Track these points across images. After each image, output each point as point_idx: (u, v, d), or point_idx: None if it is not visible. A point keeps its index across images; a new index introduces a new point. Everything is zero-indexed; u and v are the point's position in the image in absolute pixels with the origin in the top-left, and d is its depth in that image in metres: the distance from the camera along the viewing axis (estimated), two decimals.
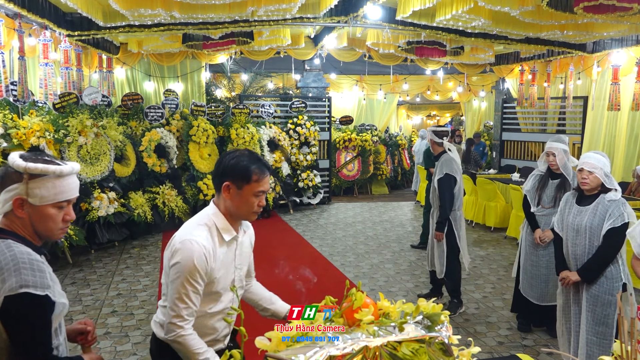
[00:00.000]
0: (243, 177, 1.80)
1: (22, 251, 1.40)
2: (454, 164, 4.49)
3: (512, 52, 9.88)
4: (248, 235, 2.05)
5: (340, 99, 13.81)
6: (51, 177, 1.44)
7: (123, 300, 4.89)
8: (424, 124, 22.03)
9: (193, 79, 10.25)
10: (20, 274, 1.34)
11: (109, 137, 6.77)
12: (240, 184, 1.81)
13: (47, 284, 1.38)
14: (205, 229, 1.82)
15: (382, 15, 6.85)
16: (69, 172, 1.48)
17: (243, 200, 1.82)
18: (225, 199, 1.84)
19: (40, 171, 1.42)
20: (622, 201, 2.87)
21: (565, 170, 3.82)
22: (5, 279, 1.33)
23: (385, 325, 1.35)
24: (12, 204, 1.43)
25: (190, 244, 1.75)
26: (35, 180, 1.43)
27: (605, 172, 2.91)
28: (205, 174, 8.30)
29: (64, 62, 6.73)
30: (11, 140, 5.40)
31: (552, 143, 3.89)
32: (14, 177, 1.43)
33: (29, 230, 1.48)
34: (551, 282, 3.89)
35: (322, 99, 10.86)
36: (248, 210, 1.85)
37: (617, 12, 4.97)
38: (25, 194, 1.43)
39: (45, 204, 1.45)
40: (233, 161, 1.82)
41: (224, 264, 1.86)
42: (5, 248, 1.40)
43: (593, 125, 8.80)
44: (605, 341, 2.89)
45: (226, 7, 5.77)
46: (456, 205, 4.51)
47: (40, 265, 1.40)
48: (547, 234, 3.85)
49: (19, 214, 1.44)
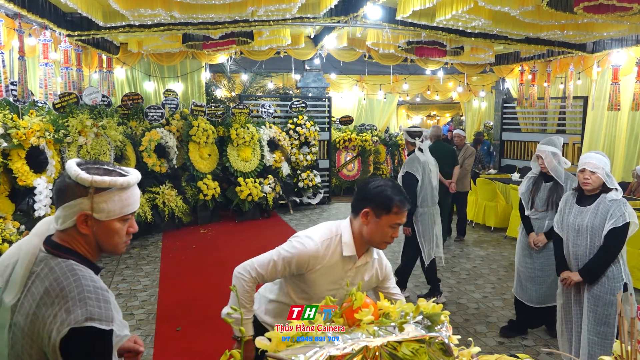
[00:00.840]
0: (384, 207, 1.87)
1: (87, 277, 1.30)
2: (417, 163, 4.67)
3: (512, 52, 9.88)
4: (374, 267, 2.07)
5: (340, 99, 13.81)
6: (117, 189, 1.34)
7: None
8: (424, 124, 22.02)
9: (193, 79, 10.25)
10: (86, 305, 1.23)
11: (109, 137, 6.77)
12: (380, 212, 1.88)
13: (112, 316, 1.28)
14: (329, 235, 1.95)
15: (382, 15, 6.84)
16: (135, 182, 1.40)
17: (379, 228, 1.89)
18: (361, 223, 1.92)
19: (107, 184, 1.32)
20: (623, 201, 2.87)
21: (556, 173, 3.71)
22: (70, 309, 1.23)
23: (385, 325, 1.35)
24: (75, 220, 1.32)
25: (306, 239, 1.92)
26: (101, 194, 1.32)
27: (607, 172, 2.91)
28: (205, 174, 8.30)
29: (64, 62, 6.73)
30: (11, 140, 5.39)
31: (541, 146, 3.77)
32: (76, 190, 1.31)
33: (91, 247, 1.39)
34: (546, 285, 3.86)
35: (322, 99, 10.86)
36: (381, 239, 1.92)
37: (617, 12, 4.96)
38: (91, 209, 1.32)
39: (112, 219, 1.36)
40: (378, 189, 1.90)
41: (328, 275, 1.94)
42: (69, 272, 1.29)
43: (593, 125, 8.80)
44: (607, 341, 2.89)
45: (226, 7, 5.77)
46: (418, 202, 4.71)
47: (106, 295, 1.31)
48: (540, 239, 3.80)
49: (83, 231, 1.34)
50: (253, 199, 8.46)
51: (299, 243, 1.93)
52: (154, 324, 4.34)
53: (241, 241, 7.20)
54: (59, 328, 1.22)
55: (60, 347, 1.22)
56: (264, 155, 8.88)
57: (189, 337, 4.06)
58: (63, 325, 1.21)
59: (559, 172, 3.70)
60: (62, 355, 1.23)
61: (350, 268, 1.97)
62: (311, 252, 1.90)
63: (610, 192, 2.91)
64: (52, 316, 1.23)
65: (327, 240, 1.93)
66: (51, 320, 1.23)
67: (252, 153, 8.75)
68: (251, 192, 8.45)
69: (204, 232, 7.75)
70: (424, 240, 4.81)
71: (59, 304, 1.24)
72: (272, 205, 8.83)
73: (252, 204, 8.52)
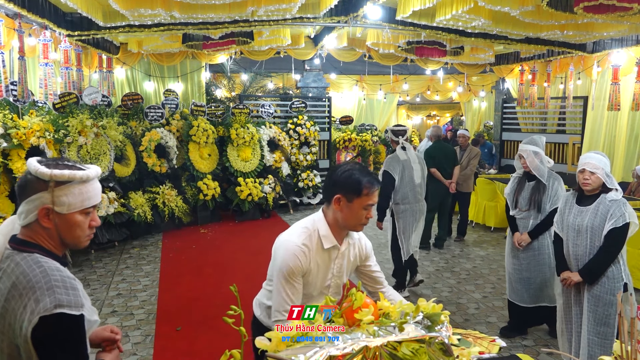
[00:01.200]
0: (354, 191, 1.89)
1: (52, 267, 1.33)
2: (396, 162, 4.86)
3: (512, 52, 9.88)
4: (356, 247, 2.11)
5: (340, 99, 13.81)
6: (77, 182, 1.38)
7: (123, 300, 4.89)
8: (424, 124, 22.02)
9: (193, 79, 10.25)
10: (54, 293, 1.27)
11: (109, 137, 6.77)
12: (351, 197, 1.90)
13: (81, 302, 1.31)
14: (306, 232, 1.96)
15: (382, 15, 6.84)
16: (94, 175, 1.44)
17: (353, 212, 1.92)
18: (335, 210, 1.95)
19: (67, 177, 1.36)
20: (623, 201, 2.87)
21: (538, 171, 3.68)
22: (39, 299, 1.26)
23: (385, 325, 1.35)
24: (37, 214, 1.36)
25: (288, 244, 1.92)
26: (62, 188, 1.36)
27: (607, 172, 2.91)
28: (205, 174, 8.30)
29: (64, 62, 6.73)
30: (11, 140, 5.39)
31: (522, 145, 3.76)
32: (36, 185, 1.35)
33: (54, 241, 1.41)
34: (535, 285, 3.86)
35: (322, 99, 10.86)
36: (356, 222, 1.95)
37: (617, 12, 4.96)
38: (52, 202, 1.36)
39: (73, 212, 1.39)
40: (345, 174, 1.92)
41: (321, 269, 1.98)
42: (34, 264, 1.32)
43: (593, 125, 8.80)
44: (607, 341, 2.89)
45: (226, 7, 5.77)
46: (398, 199, 4.90)
47: (73, 282, 1.33)
48: (523, 238, 3.79)
49: (45, 224, 1.37)
50: (253, 199, 8.46)
51: (283, 252, 1.92)
52: (154, 324, 4.34)
53: (241, 241, 7.20)
54: (30, 318, 1.25)
55: (32, 336, 1.25)
56: (264, 155, 8.88)
57: (189, 337, 4.06)
58: (33, 315, 1.25)
59: (541, 171, 3.68)
60: (34, 345, 1.26)
61: (336, 256, 2.02)
62: (300, 256, 1.91)
63: (610, 192, 2.90)
64: (21, 307, 1.27)
65: (307, 239, 1.94)
66: (21, 311, 1.26)
67: (252, 153, 8.75)
68: (251, 192, 8.45)
69: (204, 232, 7.75)
70: (403, 237, 4.99)
71: (27, 295, 1.27)
72: (272, 205, 8.82)
73: (252, 204, 8.52)
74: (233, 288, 1.69)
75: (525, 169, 3.75)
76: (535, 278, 3.84)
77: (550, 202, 3.70)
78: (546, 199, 3.71)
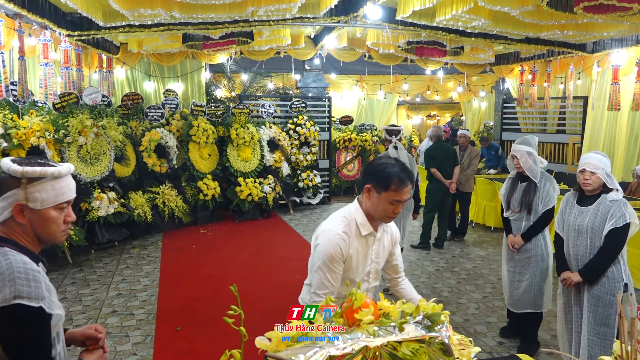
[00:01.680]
0: (383, 184, 1.98)
1: (18, 260, 1.36)
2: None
3: (512, 52, 9.88)
4: (389, 233, 2.22)
5: (340, 99, 13.81)
6: (49, 179, 1.43)
7: (123, 300, 4.89)
8: (424, 124, 22.03)
9: (193, 79, 10.25)
10: (15, 284, 1.30)
11: (109, 137, 6.77)
12: (380, 189, 1.99)
13: (41, 295, 1.34)
14: (345, 221, 2.06)
15: (382, 15, 6.84)
16: (67, 172, 1.48)
17: (380, 204, 2.01)
18: (365, 199, 2.06)
19: (38, 174, 1.41)
20: (623, 201, 2.86)
21: (532, 172, 3.62)
22: (0, 289, 1.30)
23: (385, 325, 1.35)
24: (11, 211, 1.40)
25: (329, 233, 2.03)
26: (34, 184, 1.41)
27: (607, 172, 2.90)
28: (205, 174, 8.30)
29: (64, 62, 6.73)
30: (11, 140, 5.40)
31: (515, 145, 3.70)
32: (10, 183, 1.40)
33: (29, 237, 1.45)
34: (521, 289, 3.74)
35: (322, 99, 10.85)
36: (382, 214, 2.03)
37: (617, 12, 4.96)
38: (25, 199, 1.40)
39: (47, 207, 1.44)
40: (380, 167, 2.02)
41: (360, 255, 2.08)
42: (1, 256, 1.36)
43: (593, 125, 8.80)
44: (607, 342, 2.89)
45: (226, 7, 5.77)
46: None
47: (36, 275, 1.36)
48: (517, 240, 3.73)
49: (19, 220, 1.42)
50: (253, 199, 8.46)
51: (324, 240, 2.03)
52: (154, 324, 4.34)
53: (241, 241, 7.20)
54: None
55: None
56: (264, 155, 8.88)
57: (189, 337, 4.06)
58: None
59: (534, 171, 3.62)
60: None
61: (373, 242, 2.12)
62: (340, 243, 2.01)
63: (611, 193, 2.90)
64: None
65: (346, 227, 2.05)
66: None
67: (252, 153, 8.75)
68: (251, 192, 8.45)
69: (204, 232, 7.75)
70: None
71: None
72: (272, 205, 8.83)
73: (252, 204, 8.52)
74: (233, 288, 1.69)
75: (518, 169, 3.70)
76: (523, 282, 3.73)
77: (542, 204, 3.62)
78: (538, 200, 3.63)
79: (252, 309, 4.32)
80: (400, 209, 2.04)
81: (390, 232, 2.23)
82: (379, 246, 2.15)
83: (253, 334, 1.34)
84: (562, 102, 10.02)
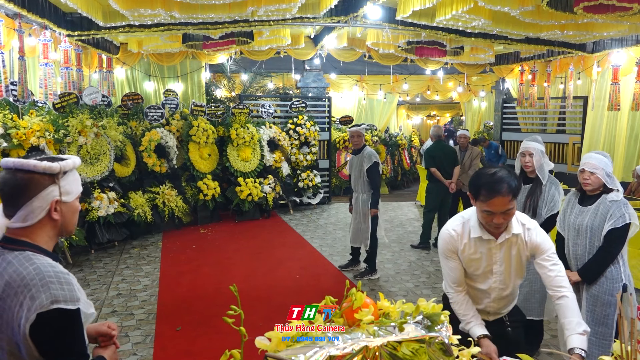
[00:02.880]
0: (474, 193, 2.07)
1: (45, 264, 1.34)
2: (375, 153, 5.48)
3: (512, 52, 9.88)
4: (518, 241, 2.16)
5: (340, 99, 13.81)
6: (71, 170, 1.45)
7: (123, 300, 4.89)
8: (424, 124, 22.02)
9: (193, 79, 10.25)
10: (49, 289, 1.28)
11: (109, 137, 6.77)
12: (474, 197, 2.08)
13: (76, 296, 1.33)
14: (461, 220, 2.21)
15: (382, 15, 6.84)
16: (79, 162, 1.51)
17: (478, 212, 2.11)
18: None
19: (72, 166, 1.44)
20: (623, 202, 2.86)
21: (541, 172, 3.46)
22: (34, 296, 1.27)
23: (385, 325, 1.35)
24: (49, 209, 1.39)
25: (443, 228, 2.25)
26: (64, 178, 1.42)
27: (607, 172, 2.90)
28: (205, 174, 8.30)
29: (64, 62, 6.73)
30: (11, 140, 5.40)
31: (529, 143, 3.53)
32: (42, 181, 1.38)
33: (55, 233, 1.44)
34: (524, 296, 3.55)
35: (322, 99, 10.85)
36: (483, 222, 2.11)
37: (617, 12, 4.96)
38: (60, 193, 1.41)
39: (74, 198, 1.46)
40: (477, 176, 2.09)
41: (476, 254, 2.18)
42: (27, 262, 1.33)
43: (593, 125, 8.80)
44: (605, 342, 2.89)
45: (226, 7, 5.77)
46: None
47: (67, 277, 1.34)
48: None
49: (55, 217, 1.40)
50: (253, 199, 8.46)
51: (440, 234, 2.29)
52: (154, 324, 4.34)
53: (241, 241, 7.20)
54: (27, 315, 1.26)
55: (30, 333, 1.27)
56: (264, 155, 8.88)
57: (189, 337, 4.06)
58: (30, 312, 1.26)
59: (544, 172, 3.49)
60: (33, 341, 1.28)
61: (493, 246, 2.17)
62: (448, 238, 2.20)
63: (611, 193, 2.90)
64: (17, 305, 1.28)
65: (459, 225, 2.19)
66: (18, 309, 1.27)
67: (252, 153, 8.75)
68: (251, 192, 8.45)
69: (204, 232, 7.75)
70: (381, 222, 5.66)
71: (23, 293, 1.28)
72: (272, 205, 8.82)
73: (252, 204, 8.52)
74: (233, 288, 1.69)
75: (526, 168, 3.53)
76: (523, 289, 3.56)
77: (546, 208, 3.48)
78: (542, 204, 3.49)
79: (252, 309, 4.32)
80: (501, 220, 2.02)
81: (522, 241, 2.15)
82: (499, 251, 2.16)
83: (253, 334, 1.34)
84: (562, 102, 10.02)
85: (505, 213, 2.02)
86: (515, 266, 2.23)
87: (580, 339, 1.97)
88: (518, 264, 2.23)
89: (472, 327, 2.15)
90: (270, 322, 1.75)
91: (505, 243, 2.16)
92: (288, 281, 5.40)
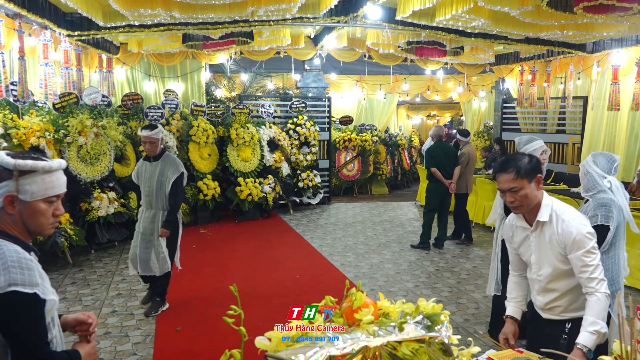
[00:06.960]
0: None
1: (11, 249, 1.43)
2: None
3: (512, 52, 9.88)
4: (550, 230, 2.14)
5: (340, 99, 13.81)
6: (40, 172, 1.49)
7: (123, 300, 4.89)
8: (424, 124, 22.03)
9: (193, 79, 10.25)
10: (8, 273, 1.37)
11: (109, 137, 6.77)
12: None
13: (35, 281, 1.41)
14: None
15: (382, 15, 6.85)
16: (58, 167, 1.55)
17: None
18: None
19: (30, 167, 1.47)
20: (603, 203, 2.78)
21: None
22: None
23: (385, 325, 1.35)
24: (2, 201, 1.46)
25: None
26: (25, 177, 1.47)
27: (586, 170, 2.86)
28: (205, 174, 8.30)
29: (64, 62, 6.73)
30: (11, 140, 5.40)
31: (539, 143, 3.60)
32: (2, 174, 1.46)
33: (19, 227, 1.51)
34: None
35: (322, 99, 10.86)
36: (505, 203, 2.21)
37: (617, 12, 4.97)
38: (16, 190, 1.47)
39: (36, 200, 1.50)
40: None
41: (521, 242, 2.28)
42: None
43: (593, 125, 8.80)
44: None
45: (226, 7, 5.77)
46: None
47: (29, 263, 1.43)
48: None
49: (9, 211, 1.48)
50: (253, 199, 8.46)
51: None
52: (154, 324, 4.34)
53: (241, 241, 7.20)
54: None
55: None
56: (264, 155, 8.88)
57: (189, 337, 4.06)
58: None
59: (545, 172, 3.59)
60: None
61: (529, 234, 2.23)
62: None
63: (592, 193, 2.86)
64: None
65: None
66: None
67: (252, 153, 8.75)
68: (251, 192, 8.45)
69: (204, 232, 7.75)
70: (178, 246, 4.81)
71: None
72: (272, 205, 8.83)
73: (252, 204, 8.52)
74: (233, 288, 1.69)
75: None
76: None
77: None
78: None
79: (252, 309, 4.32)
80: (512, 198, 2.11)
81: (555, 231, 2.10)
82: (532, 240, 2.21)
83: (253, 334, 1.34)
84: (562, 102, 10.03)
85: (512, 191, 2.09)
86: (551, 260, 2.14)
87: (587, 337, 1.99)
88: (554, 257, 2.13)
89: (508, 305, 2.37)
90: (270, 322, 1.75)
91: (537, 232, 2.18)
92: (288, 281, 5.40)
